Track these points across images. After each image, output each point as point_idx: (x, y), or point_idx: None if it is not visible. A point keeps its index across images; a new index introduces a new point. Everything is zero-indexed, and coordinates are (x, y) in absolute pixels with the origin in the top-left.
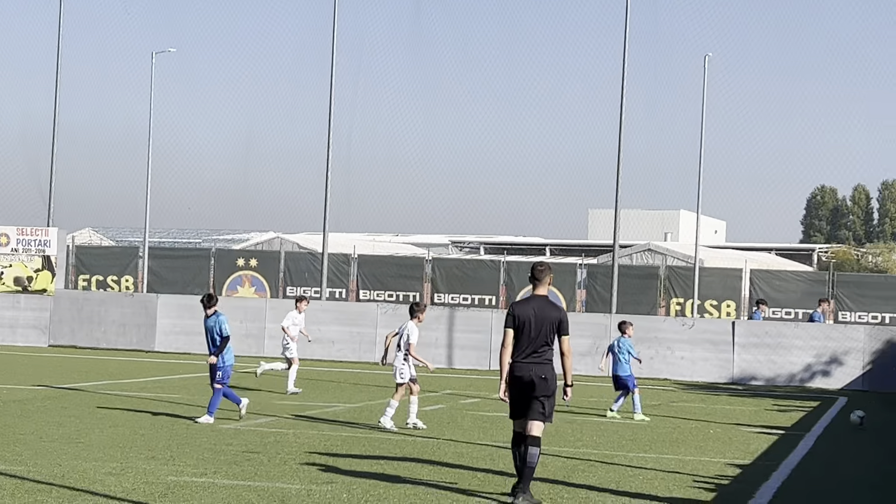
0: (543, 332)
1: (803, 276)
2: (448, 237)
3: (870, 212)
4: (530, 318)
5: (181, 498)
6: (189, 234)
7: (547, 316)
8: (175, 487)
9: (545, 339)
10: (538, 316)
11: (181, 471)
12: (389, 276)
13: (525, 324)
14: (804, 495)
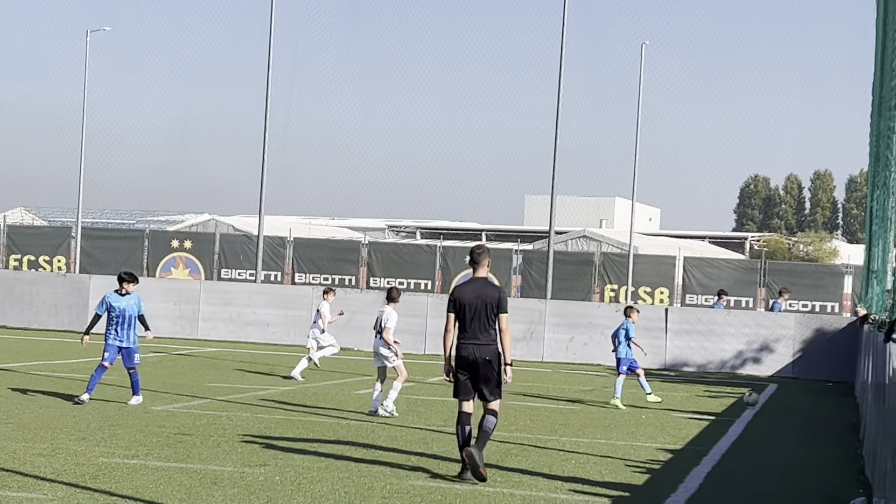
0: (484, 313)
1: (735, 263)
2: (385, 221)
3: (801, 201)
4: (471, 300)
5: (112, 479)
6: (123, 214)
7: (486, 296)
8: (106, 469)
9: (487, 320)
10: (478, 297)
11: (112, 452)
12: (325, 260)
13: (466, 306)
14: (734, 480)
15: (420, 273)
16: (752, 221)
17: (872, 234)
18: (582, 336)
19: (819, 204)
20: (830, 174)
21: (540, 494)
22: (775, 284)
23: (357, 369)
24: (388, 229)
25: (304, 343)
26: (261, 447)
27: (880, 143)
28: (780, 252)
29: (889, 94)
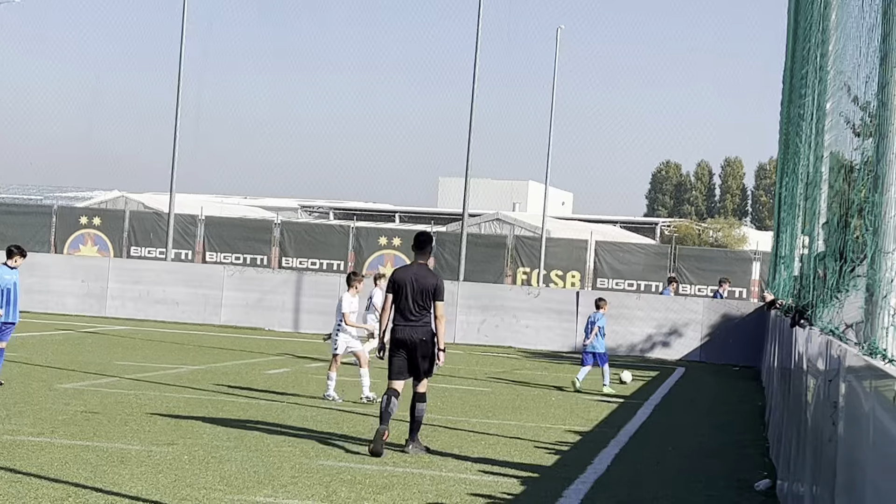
0: (421, 297)
1: (646, 248)
2: (297, 201)
3: (712, 188)
4: (409, 284)
5: (17, 457)
6: (30, 190)
7: (425, 282)
8: (11, 446)
9: (423, 304)
10: (417, 282)
11: (17, 430)
12: (237, 239)
13: (404, 289)
14: (641, 462)
15: (333, 254)
16: (664, 207)
17: (781, 221)
18: (494, 318)
19: (729, 191)
20: (740, 161)
21: (450, 475)
22: (685, 270)
23: (267, 349)
24: (301, 209)
25: (214, 322)
26: (169, 426)
27: (790, 130)
28: (690, 238)
29: (799, 83)
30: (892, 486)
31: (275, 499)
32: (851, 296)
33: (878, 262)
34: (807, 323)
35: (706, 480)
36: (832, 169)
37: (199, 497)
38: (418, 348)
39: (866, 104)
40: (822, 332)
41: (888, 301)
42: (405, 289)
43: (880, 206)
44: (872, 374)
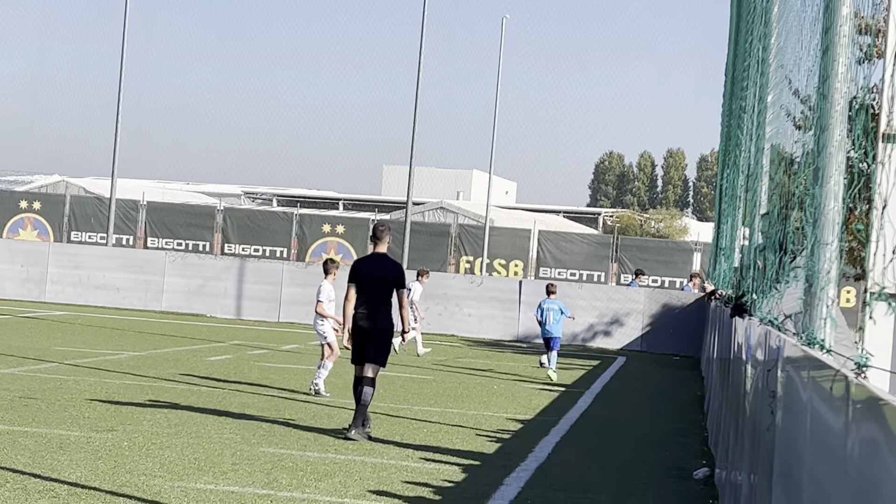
0: (381, 286)
1: (589, 238)
2: (241, 187)
3: (654, 178)
4: (370, 273)
5: None
6: None
7: (385, 272)
8: None
9: (383, 293)
10: (377, 272)
11: None
12: (179, 225)
13: (364, 280)
14: (581, 450)
15: (276, 241)
16: (607, 197)
17: (721, 213)
18: (437, 307)
19: (671, 182)
20: (682, 153)
21: (391, 462)
22: (627, 260)
23: (209, 335)
24: (245, 196)
25: (155, 308)
26: (109, 412)
27: (732, 123)
28: (632, 228)
29: (741, 76)
30: (827, 474)
31: (215, 486)
32: (791, 287)
33: (817, 254)
34: (746, 313)
35: (645, 469)
36: (773, 161)
37: (139, 484)
38: (374, 336)
39: (807, 97)
40: (761, 323)
41: (826, 292)
42: (365, 278)
43: (820, 198)
44: (810, 365)
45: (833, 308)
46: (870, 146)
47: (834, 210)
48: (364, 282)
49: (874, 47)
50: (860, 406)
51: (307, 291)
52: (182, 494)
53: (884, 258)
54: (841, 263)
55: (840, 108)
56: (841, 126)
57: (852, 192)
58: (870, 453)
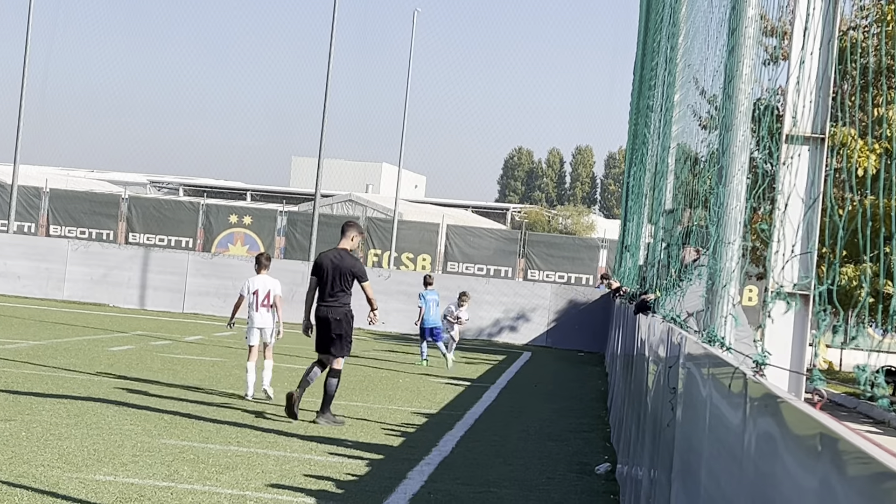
0: (339, 279)
1: (497, 233)
2: (146, 176)
3: (562, 175)
4: (329, 267)
5: None
6: None
7: (343, 265)
8: None
9: (341, 286)
10: (335, 265)
11: None
12: (83, 213)
13: (325, 272)
14: (486, 444)
15: (182, 230)
16: (515, 193)
17: (628, 210)
18: None
19: (579, 178)
20: (591, 150)
21: (294, 455)
22: (534, 256)
23: (111, 326)
24: (150, 185)
25: (56, 297)
26: (7, 402)
27: (639, 121)
28: (539, 224)
29: (649, 74)
30: (725, 469)
31: (115, 477)
32: (694, 284)
33: (719, 252)
34: (650, 310)
35: (548, 463)
36: (678, 160)
37: (37, 475)
38: (332, 327)
39: (713, 97)
40: (663, 320)
41: (728, 290)
42: (325, 271)
43: (723, 197)
44: (710, 362)
45: (734, 306)
46: (774, 147)
47: (737, 209)
48: (323, 274)
49: (780, 49)
50: (757, 403)
51: (212, 282)
52: (80, 486)
53: (783, 258)
54: (745, 262)
55: (744, 109)
56: (745, 126)
57: (756, 192)
58: (766, 449)
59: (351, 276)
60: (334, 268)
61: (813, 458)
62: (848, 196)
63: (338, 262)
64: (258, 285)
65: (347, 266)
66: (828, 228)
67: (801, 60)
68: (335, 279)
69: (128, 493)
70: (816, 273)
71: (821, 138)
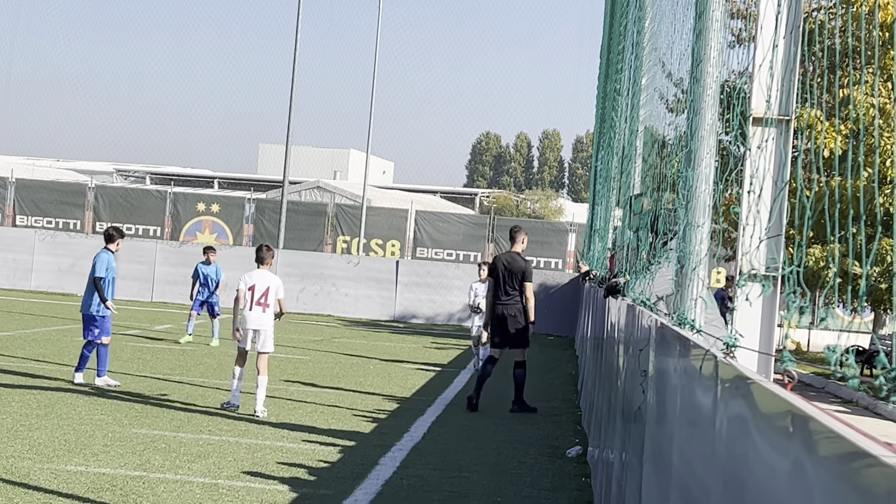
0: (511, 279)
1: (466, 218)
2: (113, 165)
3: (530, 160)
4: (501, 268)
5: None
6: None
7: (514, 267)
8: None
9: (513, 285)
10: (507, 267)
11: None
12: (49, 203)
13: (499, 273)
14: (457, 429)
15: (149, 219)
16: (483, 178)
17: (596, 194)
18: (313, 286)
19: (547, 163)
20: (558, 134)
21: (266, 443)
22: (503, 241)
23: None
24: (117, 173)
25: (24, 287)
26: None
27: (606, 105)
28: (508, 208)
29: (616, 58)
30: (696, 452)
31: (86, 467)
32: (663, 268)
33: (688, 236)
34: (619, 294)
35: (520, 447)
36: (646, 143)
37: (8, 466)
38: (509, 323)
39: (679, 80)
40: (633, 303)
41: (697, 273)
42: (499, 272)
43: (692, 180)
44: (681, 344)
45: (704, 289)
46: (741, 130)
47: (705, 192)
48: (498, 275)
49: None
50: (728, 385)
51: (181, 271)
52: (52, 476)
53: (754, 240)
54: (717, 245)
55: (712, 92)
56: (713, 110)
57: (726, 175)
58: (738, 431)
59: (521, 277)
60: (506, 269)
61: (784, 439)
62: (815, 177)
63: (509, 264)
64: (256, 280)
65: (518, 268)
66: (796, 210)
67: (773, 44)
68: (507, 280)
69: (99, 483)
70: (786, 255)
71: (787, 120)
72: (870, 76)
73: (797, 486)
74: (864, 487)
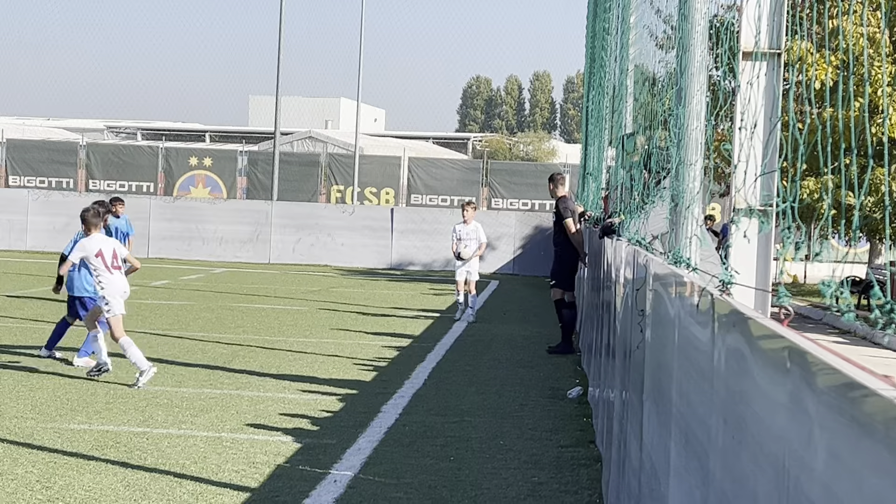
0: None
1: (459, 164)
2: (103, 122)
3: (522, 102)
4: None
5: None
6: None
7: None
8: None
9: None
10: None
11: None
12: (41, 162)
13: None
14: (457, 374)
15: (142, 175)
16: (475, 122)
17: (588, 134)
18: (309, 237)
19: (538, 105)
20: (549, 75)
21: (268, 395)
22: (497, 185)
23: None
24: (108, 130)
25: (19, 248)
26: None
27: (596, 44)
28: (501, 152)
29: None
30: (694, 388)
31: (89, 425)
32: (657, 206)
33: (681, 174)
34: (615, 234)
35: (520, 390)
36: (637, 82)
37: (11, 427)
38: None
39: (668, 17)
40: (629, 243)
41: (692, 211)
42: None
43: (683, 118)
44: (677, 282)
45: (699, 227)
46: (732, 64)
47: (697, 130)
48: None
49: None
50: (725, 321)
51: (175, 226)
52: (56, 435)
53: (749, 175)
54: (708, 182)
55: (701, 29)
56: (702, 47)
57: (717, 111)
58: (736, 367)
59: (556, 217)
60: (554, 213)
61: (782, 374)
62: (807, 110)
63: (553, 208)
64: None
65: (559, 208)
66: (789, 143)
67: None
68: (554, 223)
69: (103, 441)
70: (781, 188)
71: (777, 54)
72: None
73: (796, 420)
74: (863, 420)
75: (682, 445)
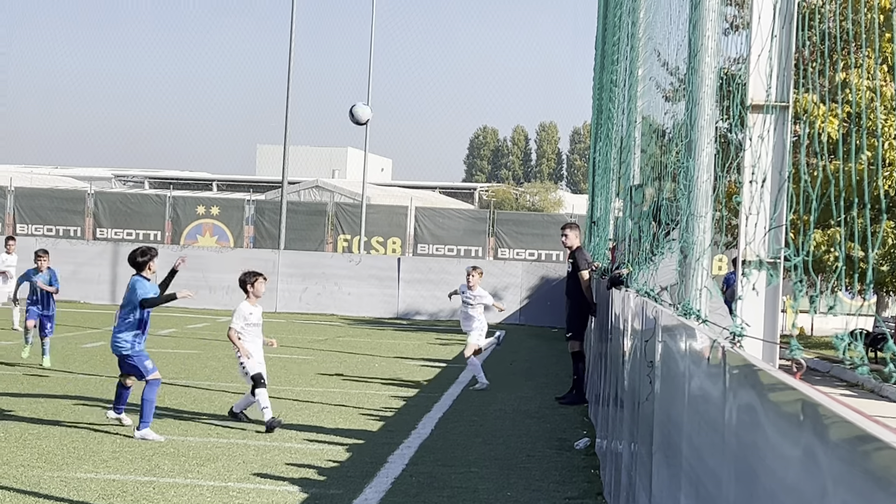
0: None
1: (465, 213)
2: (111, 170)
3: (528, 152)
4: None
5: None
6: None
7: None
8: None
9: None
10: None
11: None
12: (49, 210)
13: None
14: (465, 425)
15: (149, 224)
16: (482, 172)
17: (595, 185)
18: (315, 286)
19: (544, 155)
20: (555, 126)
21: (274, 444)
22: (504, 235)
23: (83, 322)
24: (115, 179)
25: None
26: None
27: (603, 96)
28: (507, 202)
29: (611, 49)
30: (705, 442)
31: (96, 474)
32: (666, 258)
33: (691, 226)
34: (623, 285)
35: (527, 440)
36: (644, 134)
37: (17, 475)
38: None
39: (675, 69)
40: (637, 294)
41: (701, 263)
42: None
43: (693, 170)
44: (687, 334)
45: (708, 278)
46: (740, 117)
47: (707, 182)
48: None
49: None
50: (736, 373)
51: (182, 275)
52: (62, 484)
53: (755, 228)
54: (721, 235)
55: (710, 83)
56: (711, 99)
57: (728, 164)
58: (748, 420)
59: (571, 267)
60: (570, 263)
61: (795, 427)
62: (814, 161)
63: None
64: None
65: (577, 259)
66: (801, 197)
67: (772, 33)
68: (569, 273)
69: (110, 490)
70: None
71: (786, 107)
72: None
73: (808, 473)
74: (877, 473)
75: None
